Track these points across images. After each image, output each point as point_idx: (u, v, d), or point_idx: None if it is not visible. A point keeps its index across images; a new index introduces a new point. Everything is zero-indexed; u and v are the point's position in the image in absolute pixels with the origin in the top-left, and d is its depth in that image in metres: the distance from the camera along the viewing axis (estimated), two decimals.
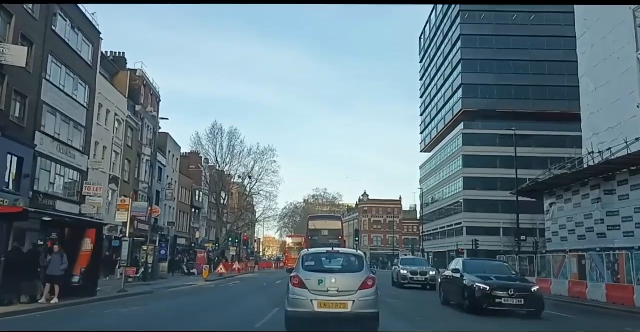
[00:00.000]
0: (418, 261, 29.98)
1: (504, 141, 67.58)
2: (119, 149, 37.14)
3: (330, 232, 36.50)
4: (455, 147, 70.57)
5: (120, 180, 37.36)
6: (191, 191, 63.65)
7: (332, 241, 31.71)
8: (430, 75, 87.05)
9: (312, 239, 35.69)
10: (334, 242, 30.99)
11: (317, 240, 34.03)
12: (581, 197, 27.58)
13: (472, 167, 66.78)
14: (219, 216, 58.02)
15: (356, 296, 9.08)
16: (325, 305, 9.01)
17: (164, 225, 51.91)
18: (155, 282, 28.35)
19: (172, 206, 54.89)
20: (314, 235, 36.86)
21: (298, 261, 10.23)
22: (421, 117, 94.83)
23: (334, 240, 32.82)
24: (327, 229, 37.08)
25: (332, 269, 9.87)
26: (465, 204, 67.06)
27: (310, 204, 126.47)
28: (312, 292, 9.09)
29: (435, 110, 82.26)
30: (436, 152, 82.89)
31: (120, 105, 36.77)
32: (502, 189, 65.66)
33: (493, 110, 66.66)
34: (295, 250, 64.25)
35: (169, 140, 52.81)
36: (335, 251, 10.53)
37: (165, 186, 50.41)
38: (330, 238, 34.13)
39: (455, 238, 70.14)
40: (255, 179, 57.58)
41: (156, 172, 48.71)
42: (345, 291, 9.11)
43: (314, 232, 37.39)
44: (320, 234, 36.39)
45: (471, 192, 66.71)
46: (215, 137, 57.17)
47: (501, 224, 64.84)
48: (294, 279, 9.39)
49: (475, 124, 68.02)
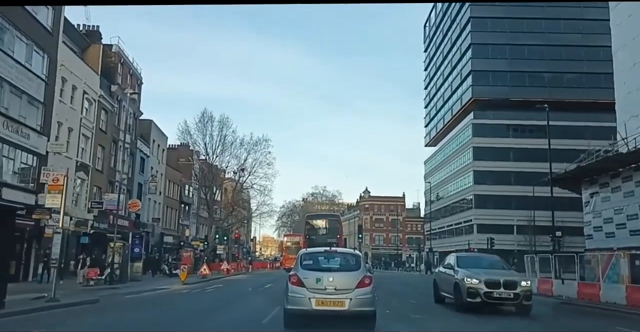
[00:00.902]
0: (488, 261, 16.98)
1: (517, 132, 63.15)
2: (89, 132, 32.44)
3: (329, 231, 35.38)
4: (464, 139, 65.87)
5: (91, 168, 32.64)
6: (180, 186, 58.97)
7: (330, 240, 31.09)
8: (435, 64, 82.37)
9: (310, 239, 34.64)
10: (332, 241, 30.37)
11: (314, 239, 32.94)
12: (635, 184, 22.86)
13: (483, 160, 62.10)
14: (209, 212, 53.31)
15: (353, 294, 9.27)
16: (323, 303, 9.19)
17: (147, 221, 47.28)
18: (123, 286, 23.74)
19: (157, 200, 50.21)
20: (312, 234, 35.67)
21: (296, 260, 10.37)
22: (425, 109, 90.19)
23: (332, 239, 31.99)
24: (325, 228, 35.98)
25: (329, 268, 9.97)
26: (476, 200, 62.37)
27: (309, 203, 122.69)
28: (310, 290, 9.28)
29: (442, 101, 77.56)
30: (442, 146, 78.21)
31: (90, 83, 32.07)
32: (516, 184, 61.19)
33: (505, 98, 62.01)
34: (293, 249, 60.02)
35: (153, 128, 48.13)
36: (332, 250, 10.79)
37: (148, 178, 45.73)
38: (329, 237, 33.09)
39: (464, 237, 65.46)
40: (248, 171, 52.95)
41: (137, 162, 44.10)
42: (343, 289, 9.30)
43: (312, 231, 36.22)
44: (318, 233, 35.35)
45: (482, 187, 62.02)
46: (205, 126, 52.45)
47: (515, 221, 60.15)
48: (293, 277, 9.58)
49: (486, 113, 63.30)
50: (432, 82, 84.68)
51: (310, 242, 32.00)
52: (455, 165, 69.33)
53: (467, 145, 64.56)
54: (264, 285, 24.18)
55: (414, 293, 21.18)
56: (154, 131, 48.83)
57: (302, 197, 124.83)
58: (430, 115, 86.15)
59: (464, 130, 66.16)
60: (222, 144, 52.44)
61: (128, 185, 40.76)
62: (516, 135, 62.58)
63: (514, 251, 58.98)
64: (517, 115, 62.14)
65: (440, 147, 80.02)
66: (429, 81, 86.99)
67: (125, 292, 20.28)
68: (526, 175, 60.28)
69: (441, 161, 78.11)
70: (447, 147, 74.85)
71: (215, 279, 31.21)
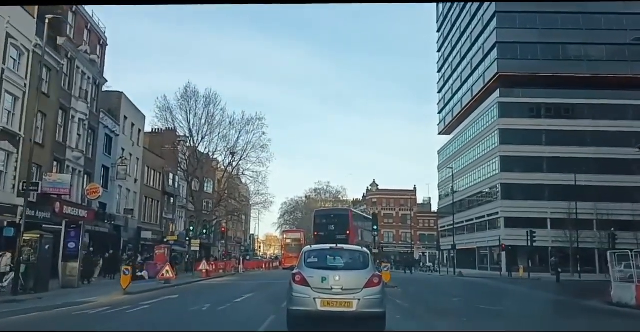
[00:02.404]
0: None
1: (550, 112, 55.18)
2: (19, 91, 24.65)
3: (337, 226, 33.01)
4: (488, 121, 57.83)
5: (24, 139, 24.82)
6: (163, 174, 51.20)
7: (339, 236, 29.43)
8: (451, 43, 74.33)
9: (319, 235, 32.82)
10: (341, 237, 28.95)
11: (323, 236, 31.20)
12: None
13: (511, 144, 54.10)
14: (194, 203, 45.56)
15: (361, 295, 8.67)
16: (329, 304, 8.61)
17: (118, 212, 39.57)
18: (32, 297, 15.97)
19: (131, 189, 42.47)
20: (321, 230, 33.77)
21: (300, 258, 9.64)
22: (439, 94, 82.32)
23: (341, 235, 30.27)
24: (334, 223, 33.76)
25: (335, 266, 9.29)
26: (503, 190, 54.33)
27: (312, 200, 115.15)
28: (315, 290, 8.69)
29: (459, 82, 69.53)
30: (459, 133, 70.15)
31: (20, 25, 24.30)
32: (549, 171, 53.24)
33: (536, 74, 53.97)
34: (293, 247, 52.43)
35: (124, 102, 40.34)
36: (339, 247, 9.82)
37: (117, 160, 37.98)
38: (337, 233, 31.09)
39: (488, 232, 57.54)
40: (239, 155, 45.22)
41: (101, 140, 36.31)
42: (350, 289, 8.70)
43: (321, 228, 34.27)
44: (328, 229, 33.22)
45: (510, 175, 53.99)
46: (189, 103, 44.71)
47: (548, 213, 52.25)
48: (297, 276, 8.96)
49: (513, 91, 55.29)
50: (447, 63, 76.66)
51: (319, 239, 30.02)
52: (477, 152, 61.28)
53: (492, 127, 56.50)
54: (239, 297, 16.44)
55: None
56: (126, 107, 41.05)
57: (305, 194, 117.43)
58: (445, 100, 78.15)
59: (488, 111, 58.11)
60: (209, 123, 44.79)
61: (87, 166, 33.06)
62: (549, 115, 54.57)
63: (548, 248, 51.08)
64: (549, 93, 54.26)
65: (457, 135, 71.97)
66: (443, 63, 79.02)
67: (8, 310, 12.44)
68: (561, 161, 52.52)
69: (458, 149, 70.10)
70: (466, 133, 66.81)
71: (182, 284, 23.45)
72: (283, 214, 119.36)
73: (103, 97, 38.32)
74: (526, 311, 14.86)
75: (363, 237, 36.54)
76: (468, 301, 17.92)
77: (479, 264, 61.11)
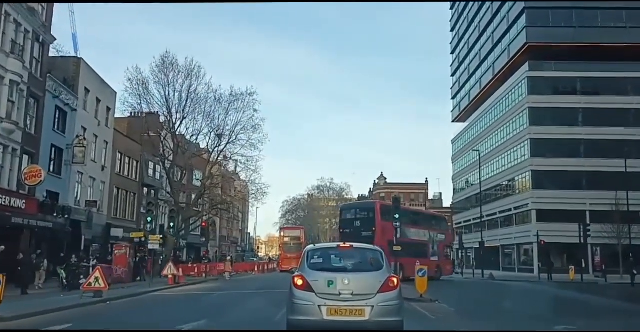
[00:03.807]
0: None
1: (588, 87, 47.91)
2: None
3: (362, 222, 29.22)
4: (515, 100, 50.52)
5: None
6: (141, 162, 44.20)
7: (365, 233, 27.53)
8: (467, 18, 67.10)
9: (344, 232, 30.16)
10: (367, 234, 26.90)
11: (347, 233, 28.85)
12: None
13: (543, 125, 46.85)
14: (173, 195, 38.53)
15: (375, 301, 7.44)
16: (337, 312, 7.41)
17: (77, 205, 32.56)
18: None
19: (97, 177, 35.46)
20: (346, 227, 30.52)
21: (302, 258, 8.33)
22: (453, 77, 75.08)
23: (366, 232, 27.69)
24: (358, 219, 29.99)
25: (344, 268, 8.10)
26: (534, 178, 47.07)
27: (315, 198, 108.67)
28: (321, 296, 7.49)
29: (478, 60, 62.29)
30: (478, 116, 62.77)
31: None
32: (587, 156, 46.04)
33: (570, 44, 46.70)
34: (292, 246, 45.59)
35: (83, 71, 33.29)
36: (347, 245, 8.58)
37: (73, 141, 30.95)
38: (363, 230, 28.33)
39: (515, 228, 50.38)
40: (227, 138, 38.14)
41: (50, 113, 29.23)
42: (362, 294, 7.46)
43: (346, 224, 30.78)
44: (353, 225, 29.85)
45: (542, 160, 46.75)
46: (167, 77, 37.63)
47: (587, 205, 45.08)
48: (298, 279, 7.75)
49: (545, 64, 48.06)
50: (463, 42, 69.40)
51: (343, 237, 27.79)
52: (500, 136, 53.99)
53: (520, 107, 49.20)
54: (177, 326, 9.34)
55: None
56: (88, 77, 34.03)
57: (307, 192, 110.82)
58: (460, 83, 70.93)
59: (514, 89, 50.81)
60: (191, 99, 37.72)
61: (26, 144, 26.06)
62: (586, 91, 47.29)
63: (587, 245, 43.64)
64: (586, 65, 47.00)
65: (474, 120, 64.66)
66: (458, 41, 71.75)
67: None
68: (601, 144, 45.32)
69: (476, 136, 62.80)
70: (486, 117, 59.57)
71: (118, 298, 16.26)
72: (285, 213, 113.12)
73: (57, 64, 31.55)
74: None
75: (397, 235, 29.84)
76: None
77: (504, 264, 53.84)
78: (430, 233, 32.60)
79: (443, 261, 33.26)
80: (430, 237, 32.29)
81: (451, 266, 35.04)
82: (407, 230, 30.28)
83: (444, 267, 33.04)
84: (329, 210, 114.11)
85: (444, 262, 33.45)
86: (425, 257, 30.24)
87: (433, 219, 35.92)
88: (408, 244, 28.39)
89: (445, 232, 35.10)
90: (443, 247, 33.76)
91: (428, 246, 31.94)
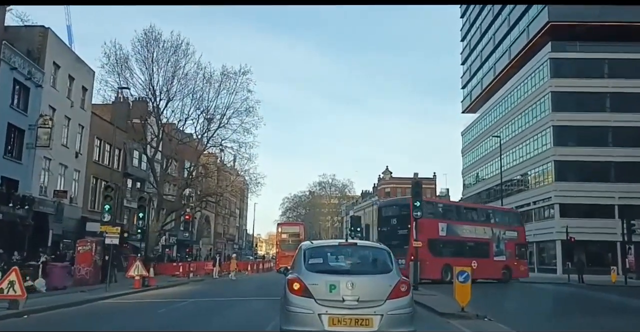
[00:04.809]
0: None
1: (615, 70, 43.67)
2: None
3: (400, 219, 26.35)
4: (535, 84, 46.20)
5: None
6: (124, 151, 40.21)
7: (401, 231, 25.09)
8: None
9: (381, 231, 28.08)
10: (403, 232, 24.50)
11: (385, 232, 26.97)
12: None
13: (566, 111, 42.60)
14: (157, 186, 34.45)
15: (385, 308, 6.50)
16: (341, 322, 6.44)
17: (44, 195, 28.57)
18: None
19: (69, 165, 31.46)
20: (384, 225, 28.12)
21: (298, 258, 7.29)
22: (463, 65, 70.83)
23: (403, 230, 24.81)
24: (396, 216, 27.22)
25: (348, 270, 7.09)
26: (558, 169, 42.80)
27: (316, 195, 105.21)
28: (321, 302, 6.51)
29: (492, 45, 57.97)
30: (491, 106, 58.50)
31: None
32: (615, 145, 41.89)
33: (597, 22, 42.41)
34: (290, 244, 41.53)
35: (51, 43, 29.22)
36: (350, 242, 7.61)
37: (37, 121, 26.89)
38: (400, 228, 25.72)
39: (533, 224, 46.03)
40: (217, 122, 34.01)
41: (5, 86, 25.19)
42: (369, 300, 6.52)
43: (384, 222, 28.28)
44: (390, 223, 27.48)
45: (566, 149, 42.52)
46: (152, 54, 33.48)
47: (616, 199, 40.92)
48: (294, 283, 6.70)
49: (569, 45, 43.78)
50: (475, 27, 65.10)
51: (380, 235, 27.23)
52: (517, 125, 49.68)
53: (541, 91, 44.90)
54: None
55: None
56: (57, 50, 30.00)
57: (309, 189, 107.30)
58: (471, 71, 66.65)
59: (534, 73, 46.51)
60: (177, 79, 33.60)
61: None
62: (615, 74, 42.99)
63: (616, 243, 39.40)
64: (614, 46, 42.77)
65: (487, 110, 60.39)
66: (469, 28, 67.46)
67: None
68: (631, 132, 41.19)
69: (488, 127, 58.56)
70: (500, 106, 55.31)
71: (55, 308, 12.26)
72: (285, 210, 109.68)
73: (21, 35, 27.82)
74: None
75: (441, 232, 26.26)
76: None
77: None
78: (494, 230, 28.39)
79: (513, 261, 28.67)
80: (493, 235, 28.22)
81: (526, 267, 30.34)
82: (458, 227, 26.89)
83: (515, 268, 28.57)
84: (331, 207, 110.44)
85: (516, 263, 29.00)
86: (486, 257, 26.82)
87: (497, 214, 31.40)
88: (459, 242, 25.92)
89: (517, 229, 30.24)
90: (514, 246, 29.31)
91: (490, 245, 27.89)
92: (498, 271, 27.36)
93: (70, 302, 13.44)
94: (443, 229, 26.25)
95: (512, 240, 29.29)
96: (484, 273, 24.71)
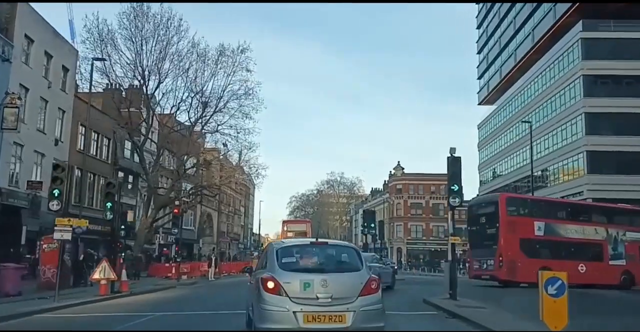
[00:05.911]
0: None
1: None
2: None
3: (488, 218, 24.29)
4: (564, 68, 42.30)
5: None
6: (114, 140, 36.76)
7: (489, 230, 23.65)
8: None
9: (471, 230, 26.02)
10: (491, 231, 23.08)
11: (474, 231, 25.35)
12: None
13: (600, 97, 38.71)
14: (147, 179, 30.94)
15: (357, 304, 6.72)
16: (315, 319, 6.57)
17: (14, 186, 25.11)
18: None
19: (46, 153, 27.98)
20: (473, 224, 25.74)
21: (270, 257, 7.31)
22: (479, 55, 67.02)
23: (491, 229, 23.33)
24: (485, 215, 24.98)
25: (321, 268, 7.23)
26: (591, 160, 38.87)
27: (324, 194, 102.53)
28: (295, 300, 6.61)
29: (512, 29, 54.04)
30: (511, 95, 54.64)
31: None
32: None
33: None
34: None
35: (22, 13, 25.67)
36: (321, 241, 7.72)
37: (3, 99, 23.39)
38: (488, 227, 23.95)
39: None
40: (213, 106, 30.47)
41: None
42: (342, 297, 6.71)
43: (474, 221, 25.96)
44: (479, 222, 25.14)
45: (599, 139, 38.62)
46: (141, 32, 30.04)
47: None
48: (268, 281, 6.73)
49: (602, 24, 39.88)
50: (492, 13, 61.20)
51: (470, 235, 25.83)
52: (543, 113, 45.78)
53: (571, 75, 40.97)
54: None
55: None
56: (29, 22, 26.48)
57: (317, 187, 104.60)
58: (488, 60, 62.78)
59: (563, 56, 42.57)
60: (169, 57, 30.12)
61: None
62: None
63: None
64: None
65: (506, 100, 56.49)
66: (486, 14, 63.60)
67: None
68: None
69: (509, 117, 54.68)
70: (522, 95, 51.46)
71: None
72: (293, 210, 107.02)
73: None
74: None
75: (538, 231, 22.96)
76: None
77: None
78: (610, 230, 24.55)
79: (637, 265, 25.01)
80: (608, 236, 24.43)
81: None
82: (559, 226, 23.77)
83: (638, 273, 24.89)
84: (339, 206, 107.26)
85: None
86: (599, 260, 23.62)
87: (614, 213, 27.44)
88: (561, 243, 23.38)
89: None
90: (638, 249, 25.45)
91: (604, 246, 24.02)
92: (615, 277, 23.63)
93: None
94: (540, 228, 22.76)
95: (635, 242, 25.33)
96: (596, 278, 22.19)
